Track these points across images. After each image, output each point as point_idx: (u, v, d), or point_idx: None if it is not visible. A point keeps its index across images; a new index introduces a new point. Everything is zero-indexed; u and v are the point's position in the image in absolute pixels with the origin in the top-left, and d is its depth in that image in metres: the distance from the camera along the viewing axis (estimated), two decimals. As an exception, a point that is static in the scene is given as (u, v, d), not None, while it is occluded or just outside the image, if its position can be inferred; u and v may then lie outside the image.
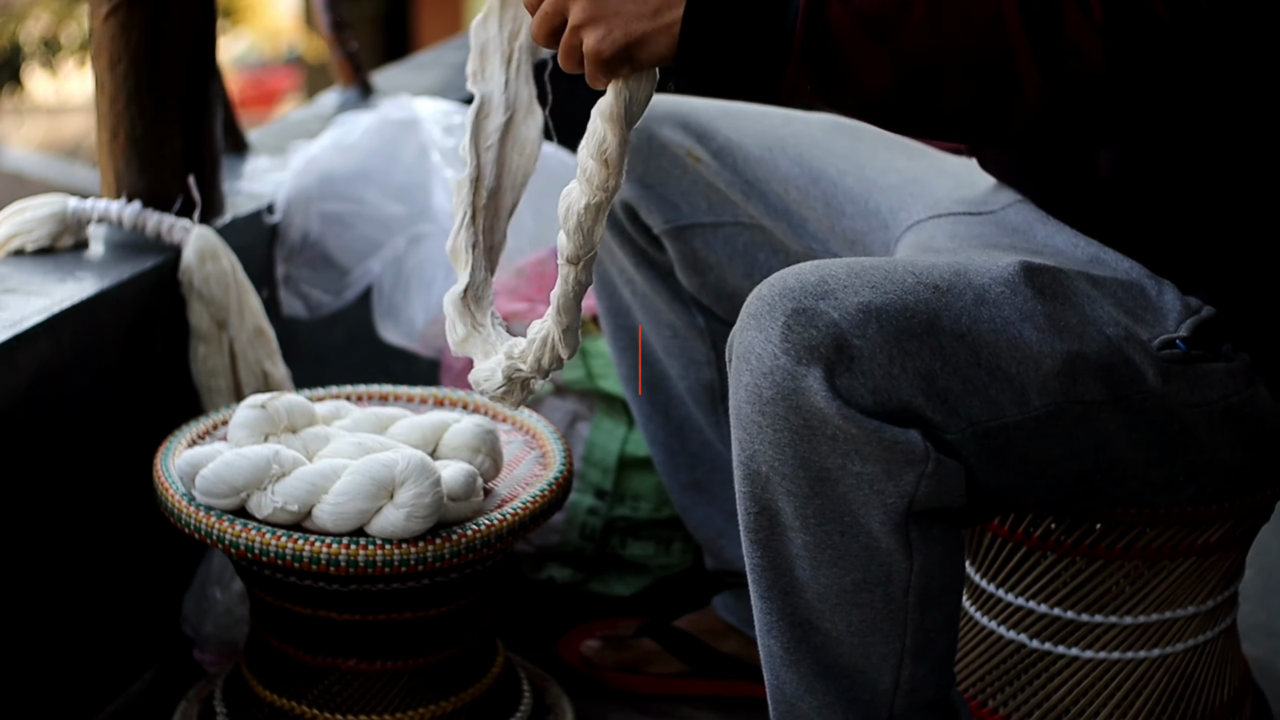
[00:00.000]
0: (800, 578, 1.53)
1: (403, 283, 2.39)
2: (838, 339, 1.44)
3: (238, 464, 1.75)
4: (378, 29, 11.10)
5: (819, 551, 1.50)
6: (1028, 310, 1.53)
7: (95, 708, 2.08)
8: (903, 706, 1.60)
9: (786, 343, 1.44)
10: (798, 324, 1.44)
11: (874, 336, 1.45)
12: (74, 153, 10.51)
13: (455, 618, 1.88)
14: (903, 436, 1.46)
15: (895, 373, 1.46)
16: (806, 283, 1.46)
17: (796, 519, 1.49)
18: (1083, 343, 1.53)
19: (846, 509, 1.48)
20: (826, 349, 1.44)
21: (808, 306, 1.45)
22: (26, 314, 1.92)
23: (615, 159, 1.47)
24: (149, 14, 2.10)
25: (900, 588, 1.52)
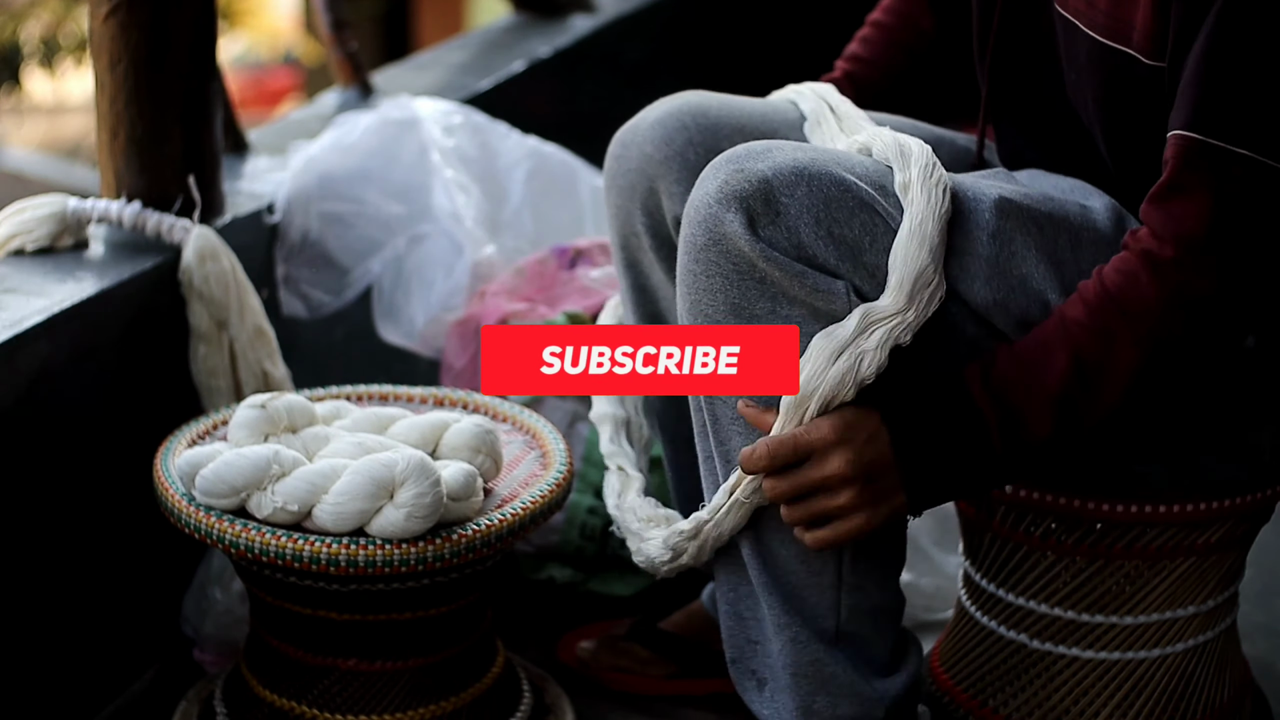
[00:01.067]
0: (738, 442, 1.60)
1: (403, 283, 2.39)
2: (766, 192, 1.53)
3: (238, 464, 1.75)
4: (378, 29, 11.10)
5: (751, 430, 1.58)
6: (962, 246, 1.58)
7: (95, 708, 2.08)
8: (849, 608, 1.63)
9: (720, 193, 1.54)
10: (733, 178, 1.54)
11: (802, 197, 1.54)
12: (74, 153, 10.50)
13: (455, 618, 1.88)
14: (825, 284, 1.54)
15: (821, 234, 1.54)
16: (753, 149, 1.57)
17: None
18: (1010, 295, 1.59)
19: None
20: (753, 199, 1.53)
21: (746, 166, 1.55)
22: (26, 314, 1.92)
23: None
24: (149, 14, 2.10)
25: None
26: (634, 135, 1.83)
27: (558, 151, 2.59)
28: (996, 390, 1.52)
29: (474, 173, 2.48)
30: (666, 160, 1.79)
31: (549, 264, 2.40)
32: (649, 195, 1.82)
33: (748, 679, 1.70)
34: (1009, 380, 1.53)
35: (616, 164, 1.85)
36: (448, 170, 2.43)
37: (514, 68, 3.15)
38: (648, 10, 3.72)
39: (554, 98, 3.27)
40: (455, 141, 2.48)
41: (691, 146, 1.79)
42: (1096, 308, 1.51)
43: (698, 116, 1.80)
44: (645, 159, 1.81)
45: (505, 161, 2.54)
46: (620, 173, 1.84)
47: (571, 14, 3.52)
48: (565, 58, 3.32)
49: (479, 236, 2.40)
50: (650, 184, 1.81)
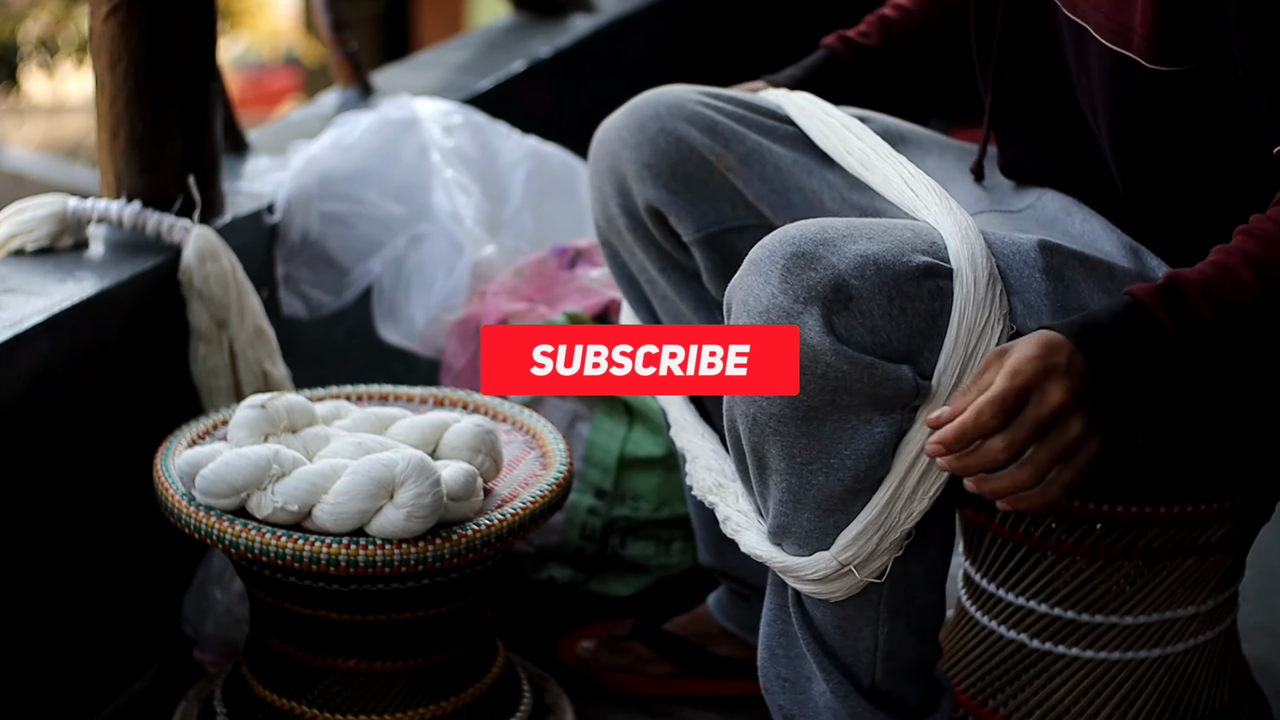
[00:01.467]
0: (782, 522, 1.56)
1: (403, 283, 2.39)
2: (836, 280, 1.47)
3: (238, 464, 1.75)
4: (378, 29, 11.10)
5: (803, 491, 1.53)
6: (1019, 285, 1.55)
7: (95, 708, 2.08)
8: (884, 671, 1.62)
9: (785, 284, 1.48)
10: (797, 267, 1.48)
11: (872, 278, 1.48)
12: (74, 153, 10.50)
13: (455, 618, 1.88)
14: (893, 372, 1.49)
15: (894, 314, 1.49)
16: (807, 231, 1.51)
17: (783, 460, 1.52)
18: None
19: (833, 448, 1.50)
20: (825, 289, 1.47)
21: (807, 251, 1.49)
22: (26, 314, 1.92)
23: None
24: (149, 14, 2.10)
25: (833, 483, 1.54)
26: (612, 124, 1.87)
27: (558, 151, 2.59)
28: (1171, 298, 1.44)
29: (474, 173, 2.48)
30: (638, 145, 1.82)
31: (549, 264, 2.40)
32: (622, 179, 1.85)
33: (777, 712, 1.69)
34: (1186, 290, 1.44)
35: (597, 150, 1.88)
36: (448, 170, 2.43)
37: (514, 68, 3.15)
38: (648, 10, 3.72)
39: (554, 98, 3.27)
40: (455, 141, 2.48)
41: (662, 134, 1.81)
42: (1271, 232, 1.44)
43: (672, 107, 1.83)
44: (620, 144, 1.84)
45: (505, 161, 2.54)
46: (599, 158, 1.87)
47: (571, 14, 3.52)
48: (565, 58, 3.32)
49: (479, 236, 2.40)
50: (622, 167, 1.84)
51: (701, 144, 1.83)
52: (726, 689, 2.09)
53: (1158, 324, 1.43)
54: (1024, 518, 1.79)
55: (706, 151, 1.83)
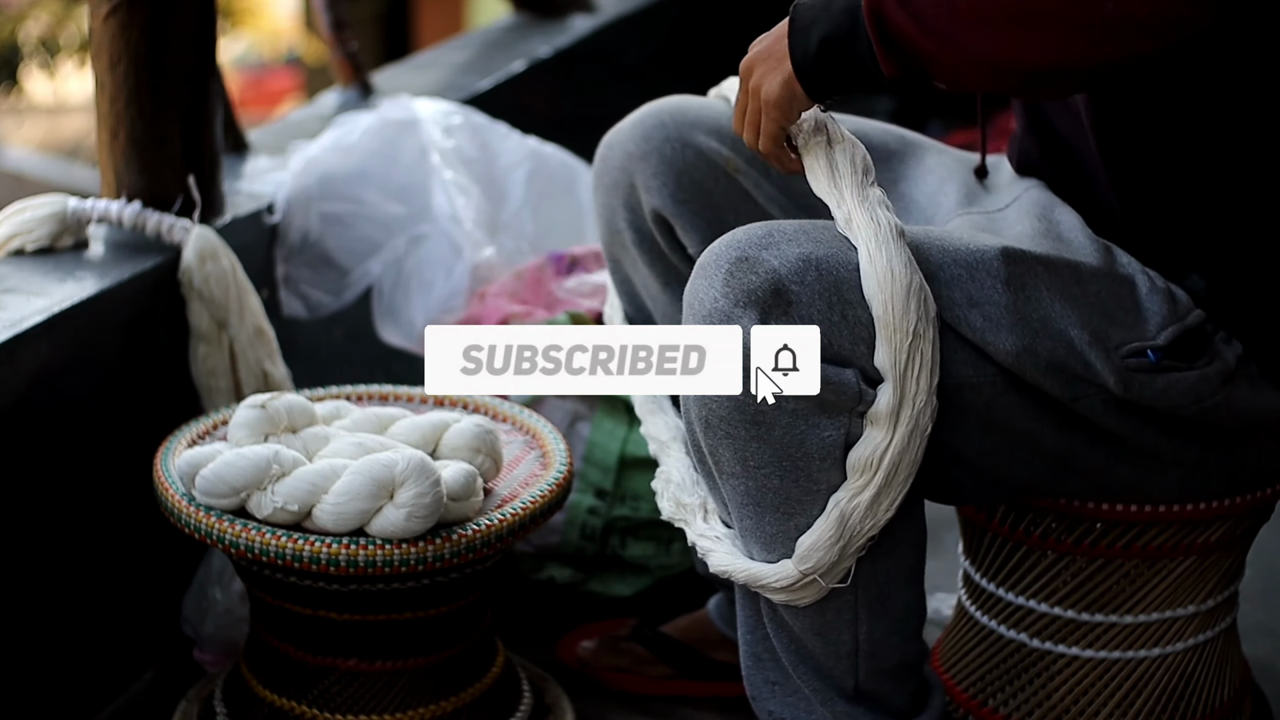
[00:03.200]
0: (747, 525, 1.57)
1: (403, 283, 2.39)
2: (775, 284, 1.50)
3: (238, 464, 1.75)
4: (378, 29, 11.09)
5: (761, 495, 1.54)
6: (979, 297, 1.55)
7: (95, 708, 2.08)
8: (867, 672, 1.62)
9: (727, 288, 1.51)
10: (739, 270, 1.51)
11: (813, 284, 1.50)
12: (74, 153, 10.50)
13: (455, 618, 1.88)
14: (834, 375, 1.50)
15: (834, 319, 1.51)
16: (753, 235, 1.53)
17: (737, 464, 1.54)
18: (1036, 339, 1.56)
19: (784, 451, 1.51)
20: (764, 293, 1.50)
21: (750, 255, 1.51)
22: (26, 314, 1.92)
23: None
24: (149, 14, 2.10)
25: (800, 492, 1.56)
26: (617, 137, 1.87)
27: (558, 152, 2.59)
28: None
29: (474, 174, 2.48)
30: (645, 155, 1.82)
31: (546, 271, 2.39)
32: (630, 192, 1.84)
33: (767, 717, 1.70)
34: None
35: (602, 164, 1.88)
36: (447, 171, 2.43)
37: (514, 68, 3.15)
38: (648, 10, 3.72)
39: (554, 98, 3.27)
40: (455, 142, 2.48)
41: (669, 142, 1.81)
42: None
43: (675, 115, 1.83)
44: (626, 157, 1.84)
45: (505, 162, 2.54)
46: (605, 172, 1.87)
47: (571, 14, 3.52)
48: (565, 58, 3.32)
49: (478, 238, 2.40)
50: (630, 180, 1.84)
51: (707, 147, 1.82)
52: (725, 690, 2.09)
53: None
54: (1025, 517, 1.79)
55: (713, 155, 1.82)
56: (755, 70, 1.58)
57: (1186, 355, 1.59)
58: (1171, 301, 1.59)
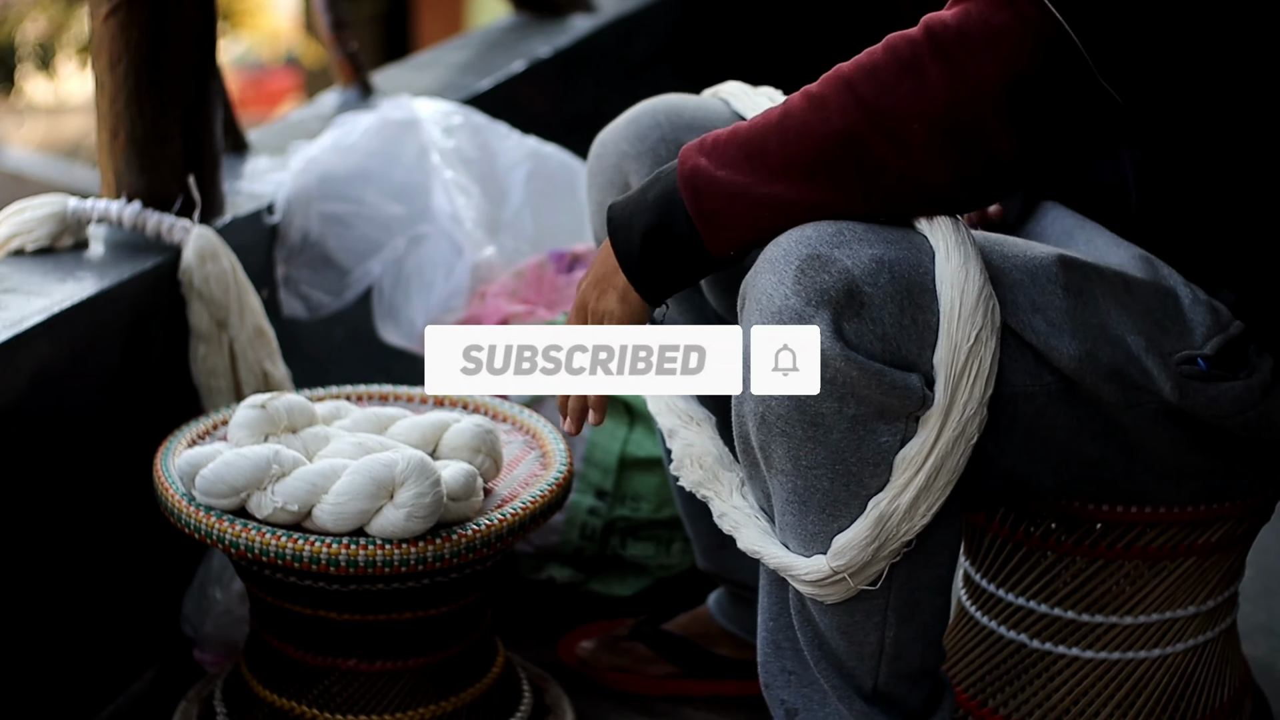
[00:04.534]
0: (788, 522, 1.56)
1: (403, 283, 2.39)
2: (849, 285, 1.47)
3: (238, 464, 1.75)
4: (378, 29, 11.09)
5: (808, 495, 1.53)
6: (1042, 302, 1.54)
7: (95, 708, 2.08)
8: (887, 674, 1.61)
9: (799, 285, 1.47)
10: (811, 268, 1.47)
11: (885, 286, 1.47)
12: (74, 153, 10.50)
13: (455, 618, 1.88)
14: (901, 380, 1.48)
15: (905, 323, 1.48)
16: (824, 232, 1.49)
17: (788, 461, 1.52)
18: (1097, 344, 1.54)
19: (839, 454, 1.50)
20: (837, 293, 1.47)
21: (823, 253, 1.48)
22: (26, 314, 1.92)
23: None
24: (149, 14, 2.10)
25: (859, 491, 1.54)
26: (611, 135, 1.85)
27: (558, 152, 2.59)
28: (701, 147, 1.52)
29: (474, 174, 2.48)
30: (639, 155, 1.81)
31: (547, 269, 2.39)
32: (624, 190, 1.83)
33: (778, 706, 1.69)
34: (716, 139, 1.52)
35: (596, 163, 1.87)
36: (447, 171, 2.43)
37: (514, 68, 3.15)
38: (648, 10, 3.72)
39: (554, 98, 3.27)
40: (455, 142, 2.48)
41: (664, 143, 1.80)
42: (821, 80, 1.48)
43: (671, 115, 1.82)
44: (621, 155, 1.83)
45: (505, 162, 2.54)
46: (599, 170, 1.86)
47: (571, 14, 3.52)
48: (565, 58, 3.32)
49: (479, 237, 2.40)
50: (624, 179, 1.83)
51: None
52: (725, 689, 2.09)
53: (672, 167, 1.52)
54: (1025, 517, 1.79)
55: None
56: (588, 304, 1.59)
57: (1231, 365, 1.58)
58: (1214, 312, 1.59)
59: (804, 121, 1.46)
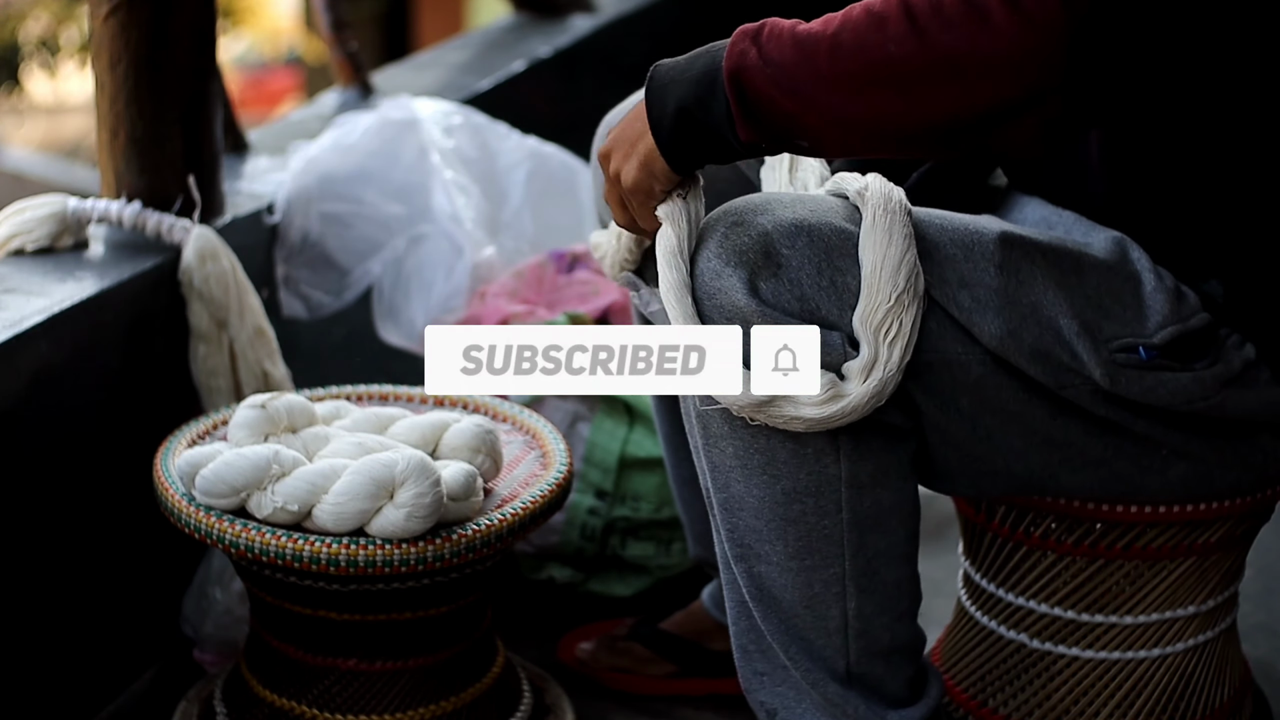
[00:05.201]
0: (736, 492, 1.57)
1: (403, 283, 2.39)
2: (766, 246, 1.51)
3: (238, 464, 1.75)
4: (378, 29, 11.10)
5: (748, 457, 1.55)
6: (971, 278, 1.55)
7: (95, 708, 2.08)
8: (858, 652, 1.62)
9: (721, 248, 1.51)
10: (733, 233, 1.52)
11: (803, 249, 1.51)
12: (74, 153, 10.50)
13: (455, 618, 1.88)
14: (822, 337, 1.50)
15: (823, 284, 1.51)
16: (752, 202, 1.54)
17: (725, 424, 1.54)
18: (1023, 324, 1.55)
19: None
20: (754, 254, 1.51)
21: (745, 219, 1.52)
22: (26, 314, 1.92)
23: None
24: (149, 14, 2.10)
25: (832, 501, 1.56)
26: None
27: (558, 152, 2.59)
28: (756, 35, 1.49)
29: (474, 173, 2.48)
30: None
31: (547, 268, 2.39)
32: None
33: (760, 710, 1.70)
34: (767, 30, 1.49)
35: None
36: (447, 171, 2.43)
37: (514, 68, 3.15)
38: (648, 10, 3.72)
39: (554, 98, 3.27)
40: (455, 142, 2.48)
41: None
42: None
43: None
44: None
45: (505, 162, 2.54)
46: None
47: (571, 14, 3.52)
48: (565, 58, 3.32)
49: (479, 237, 2.40)
50: None
51: None
52: (722, 687, 2.09)
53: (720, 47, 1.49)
54: (1025, 517, 1.79)
55: None
56: (613, 156, 1.58)
57: (1182, 356, 1.58)
58: (1177, 301, 1.59)
59: (860, 39, 1.43)
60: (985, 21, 1.40)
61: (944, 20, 1.41)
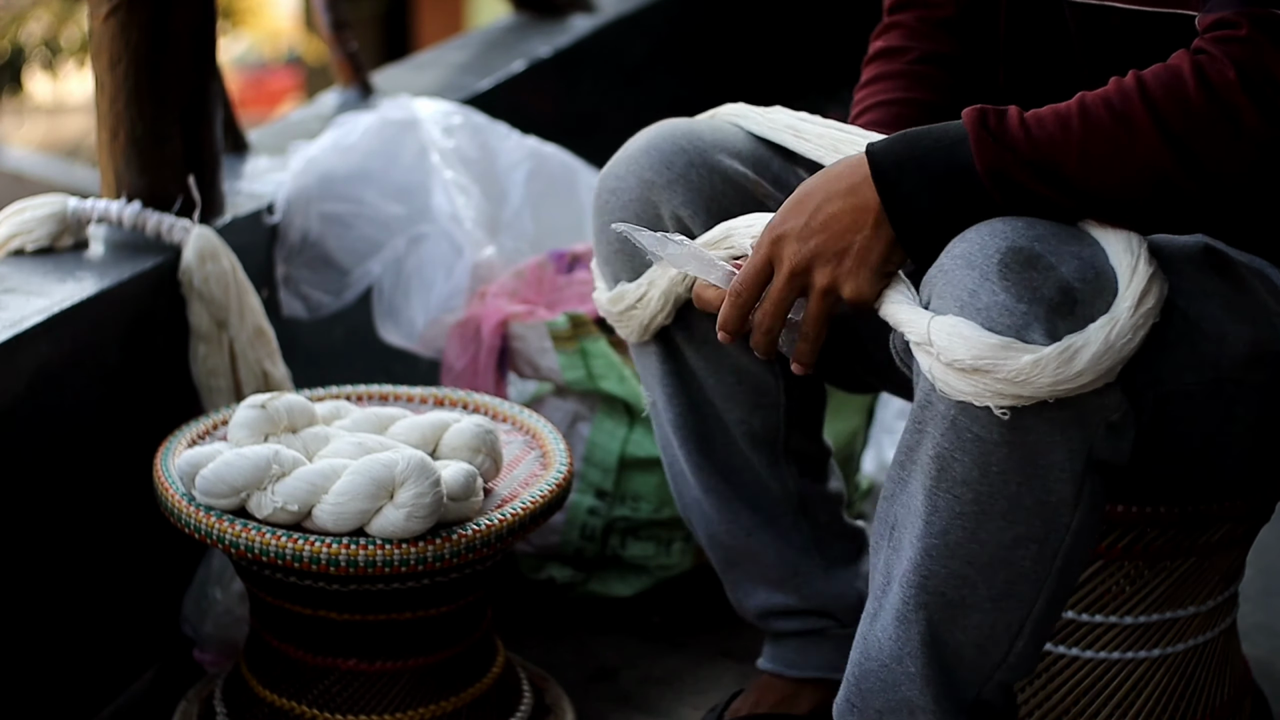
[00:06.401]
0: (955, 539, 1.50)
1: (403, 283, 2.39)
2: (1061, 283, 1.43)
3: (238, 464, 1.75)
4: (378, 29, 11.10)
5: (990, 503, 1.48)
6: (1211, 287, 1.53)
7: (95, 708, 2.08)
8: (998, 682, 1.57)
9: (1006, 280, 1.43)
10: (1016, 264, 1.43)
11: (1093, 282, 1.45)
12: (74, 153, 10.50)
13: (455, 618, 1.88)
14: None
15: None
16: (1016, 227, 1.46)
17: (975, 469, 1.47)
18: (1257, 328, 1.53)
19: (1030, 457, 1.46)
20: (1051, 291, 1.43)
21: (1023, 246, 1.44)
22: (26, 314, 1.92)
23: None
24: (149, 14, 2.10)
25: (1053, 547, 1.51)
26: (629, 166, 1.74)
27: (558, 152, 2.59)
28: (994, 124, 1.47)
29: (474, 173, 2.48)
30: (670, 184, 1.71)
31: (547, 269, 2.40)
32: (655, 224, 1.72)
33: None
34: (1014, 120, 1.47)
35: (613, 197, 1.74)
36: (447, 171, 2.43)
37: (514, 68, 3.15)
38: (648, 10, 3.72)
39: (554, 98, 3.27)
40: (455, 142, 2.48)
41: (693, 168, 1.72)
42: (1123, 91, 1.44)
43: (691, 139, 1.73)
44: (646, 186, 1.72)
45: (505, 162, 2.54)
46: (618, 206, 1.74)
47: (571, 14, 3.52)
48: (565, 58, 3.32)
49: (479, 237, 2.40)
50: (654, 211, 1.72)
51: (733, 171, 1.73)
52: None
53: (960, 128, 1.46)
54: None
55: (740, 179, 1.73)
56: (816, 271, 1.51)
57: None
58: None
59: (1109, 148, 1.43)
60: (1236, 124, 1.40)
61: (1194, 125, 1.41)
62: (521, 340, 2.29)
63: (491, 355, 2.29)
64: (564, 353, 2.27)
